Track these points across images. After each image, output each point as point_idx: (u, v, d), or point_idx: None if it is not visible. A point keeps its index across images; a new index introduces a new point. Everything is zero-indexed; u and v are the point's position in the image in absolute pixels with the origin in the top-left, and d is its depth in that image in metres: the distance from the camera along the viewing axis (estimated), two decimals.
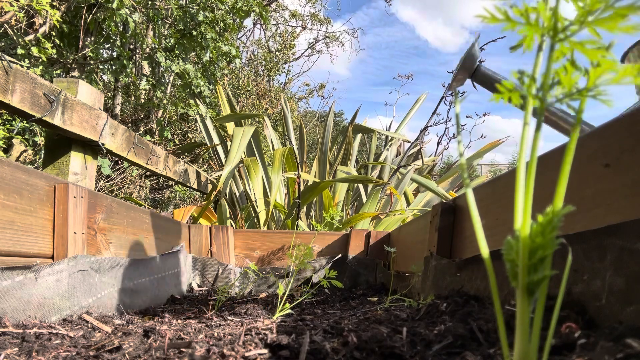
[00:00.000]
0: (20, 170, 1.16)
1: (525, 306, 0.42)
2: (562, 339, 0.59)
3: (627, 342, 0.49)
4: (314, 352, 0.70)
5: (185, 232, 2.30)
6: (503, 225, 1.09)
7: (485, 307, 0.94)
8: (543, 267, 0.41)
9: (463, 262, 1.22)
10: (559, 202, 0.40)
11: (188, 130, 6.17)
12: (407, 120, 5.39)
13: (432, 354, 0.67)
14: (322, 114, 14.28)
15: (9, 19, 3.15)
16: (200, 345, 0.80)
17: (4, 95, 1.66)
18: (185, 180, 3.64)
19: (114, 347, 0.84)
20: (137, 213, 1.75)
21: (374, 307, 1.47)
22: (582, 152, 0.81)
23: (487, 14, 0.40)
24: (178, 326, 1.13)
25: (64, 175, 2.18)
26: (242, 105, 8.23)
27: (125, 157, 2.65)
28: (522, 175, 0.42)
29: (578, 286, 0.73)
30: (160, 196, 6.02)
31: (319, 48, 13.88)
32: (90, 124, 2.22)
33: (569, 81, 0.38)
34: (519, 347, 0.42)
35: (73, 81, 2.20)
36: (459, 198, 1.50)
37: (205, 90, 4.27)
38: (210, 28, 4.23)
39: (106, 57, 4.34)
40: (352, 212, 4.21)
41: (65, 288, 1.21)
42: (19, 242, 1.14)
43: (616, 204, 0.72)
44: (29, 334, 0.93)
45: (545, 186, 0.83)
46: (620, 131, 0.74)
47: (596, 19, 0.37)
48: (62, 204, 1.30)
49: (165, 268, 1.87)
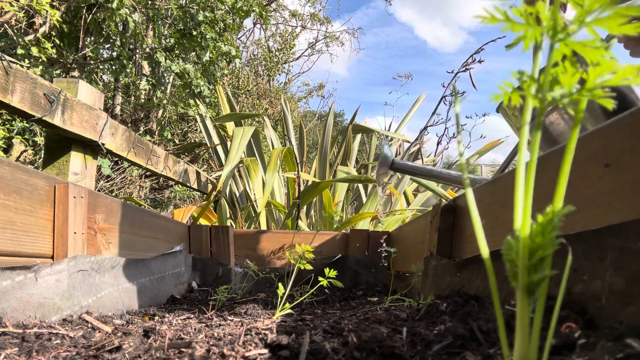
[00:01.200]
0: (20, 170, 1.16)
1: (525, 306, 0.42)
2: (562, 339, 0.59)
3: (627, 342, 0.49)
4: (314, 352, 0.70)
5: (186, 232, 2.30)
6: (503, 225, 1.09)
7: (485, 307, 0.94)
8: (543, 267, 0.41)
9: (463, 262, 1.22)
10: (559, 202, 0.40)
11: (188, 130, 6.17)
12: (407, 120, 5.40)
13: (432, 354, 0.67)
14: (322, 114, 14.27)
15: (9, 19, 3.15)
16: (200, 345, 0.80)
17: (4, 95, 1.66)
18: (185, 180, 3.64)
19: (114, 347, 0.84)
20: (137, 213, 1.75)
21: (374, 307, 1.47)
22: (582, 152, 0.81)
23: (487, 14, 0.40)
24: (178, 326, 1.13)
25: (64, 175, 2.18)
26: (242, 105, 8.23)
27: (125, 157, 2.65)
28: (522, 175, 0.42)
29: (578, 286, 0.73)
30: (160, 196, 6.02)
31: (319, 48, 13.88)
32: (90, 124, 2.22)
33: (569, 81, 0.38)
34: (519, 347, 0.42)
35: (73, 81, 2.20)
36: (458, 198, 1.50)
37: (205, 90, 4.27)
38: (210, 28, 4.23)
39: (106, 57, 4.34)
40: (352, 212, 4.21)
41: (65, 288, 1.21)
42: (19, 242, 1.14)
43: (616, 204, 0.72)
44: (29, 334, 0.93)
45: (545, 186, 0.83)
46: (620, 131, 0.74)
47: (595, 19, 0.37)
48: (62, 204, 1.30)
49: (166, 268, 1.87)
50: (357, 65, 36.56)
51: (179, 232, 2.21)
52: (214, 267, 2.27)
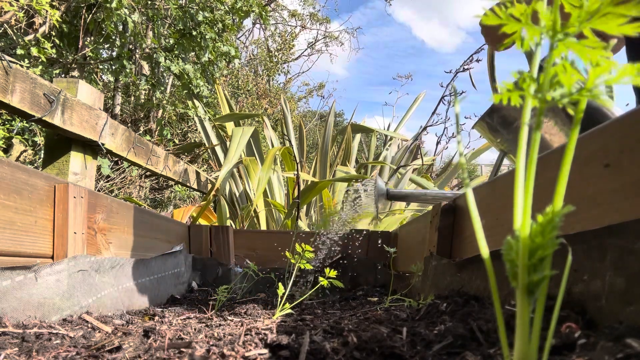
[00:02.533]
0: (20, 170, 1.16)
1: (525, 306, 0.42)
2: (562, 339, 0.59)
3: (627, 342, 0.49)
4: (314, 352, 0.70)
5: (185, 232, 2.30)
6: (503, 225, 1.09)
7: (485, 307, 0.94)
8: (543, 267, 0.41)
9: (463, 262, 1.22)
10: (559, 202, 0.40)
11: (188, 130, 6.17)
12: (406, 120, 5.40)
13: (432, 354, 0.67)
14: (322, 114, 14.26)
15: (8, 19, 3.15)
16: (200, 346, 0.80)
17: (3, 95, 1.66)
18: (185, 180, 3.64)
19: (114, 347, 0.84)
20: (137, 213, 1.75)
21: (374, 307, 1.47)
22: (582, 152, 0.81)
23: (487, 14, 0.40)
24: (178, 326, 1.13)
25: (64, 175, 2.18)
26: (242, 105, 8.23)
27: (125, 157, 2.65)
28: (522, 175, 0.42)
29: (578, 286, 0.73)
30: (160, 196, 6.02)
31: (319, 48, 13.88)
32: (90, 123, 2.22)
33: (569, 81, 0.38)
34: (519, 347, 0.42)
35: (73, 81, 2.20)
36: (458, 198, 1.50)
37: (204, 90, 4.27)
38: (210, 28, 4.23)
39: (106, 57, 4.34)
40: None
41: (65, 288, 1.20)
42: (19, 242, 1.14)
43: (616, 204, 0.72)
44: (28, 334, 0.93)
45: (545, 186, 0.83)
46: (620, 131, 0.74)
47: (594, 20, 0.37)
48: (62, 204, 1.30)
49: (165, 268, 1.87)
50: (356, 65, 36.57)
51: (178, 232, 2.21)
52: (214, 267, 2.27)
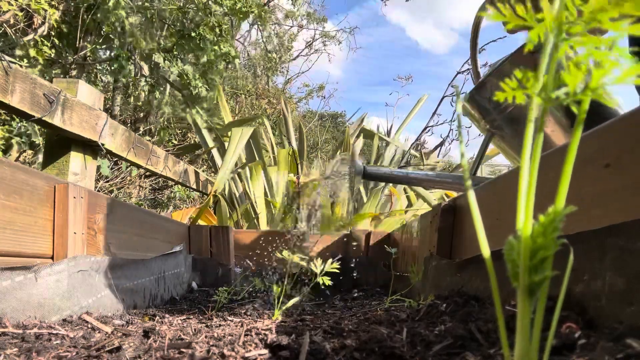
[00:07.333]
0: (20, 170, 1.16)
1: (526, 307, 0.42)
2: (562, 339, 0.59)
3: (627, 342, 0.49)
4: (314, 352, 0.70)
5: (185, 233, 2.30)
6: (503, 225, 1.09)
7: (486, 307, 0.94)
8: (544, 268, 0.40)
9: (463, 262, 1.22)
10: (561, 202, 0.40)
11: (188, 130, 6.16)
12: (408, 122, 5.40)
13: (432, 355, 0.67)
14: (323, 114, 14.26)
15: (8, 19, 3.15)
16: (200, 346, 0.80)
17: (3, 96, 1.66)
18: (185, 180, 3.63)
19: (114, 347, 0.84)
20: (137, 213, 1.75)
21: (374, 308, 1.47)
22: (583, 152, 0.81)
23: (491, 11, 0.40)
24: (178, 326, 1.13)
25: (64, 176, 2.17)
26: (241, 105, 8.23)
27: (125, 158, 2.65)
28: (525, 175, 0.42)
29: (578, 286, 0.73)
30: (160, 196, 6.01)
31: (317, 47, 13.87)
32: (90, 124, 2.22)
33: (573, 80, 0.38)
34: (519, 347, 0.42)
35: (73, 81, 2.20)
36: (458, 198, 1.49)
37: (203, 91, 4.27)
38: (209, 30, 4.22)
39: (105, 57, 4.34)
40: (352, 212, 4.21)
41: (65, 288, 1.20)
42: (19, 242, 1.14)
43: (616, 204, 0.72)
44: (28, 334, 0.93)
45: (545, 186, 0.83)
46: (621, 131, 0.74)
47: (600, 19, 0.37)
48: (62, 204, 1.30)
49: (166, 268, 1.87)
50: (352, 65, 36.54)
51: (179, 232, 2.20)
52: (214, 268, 2.27)
